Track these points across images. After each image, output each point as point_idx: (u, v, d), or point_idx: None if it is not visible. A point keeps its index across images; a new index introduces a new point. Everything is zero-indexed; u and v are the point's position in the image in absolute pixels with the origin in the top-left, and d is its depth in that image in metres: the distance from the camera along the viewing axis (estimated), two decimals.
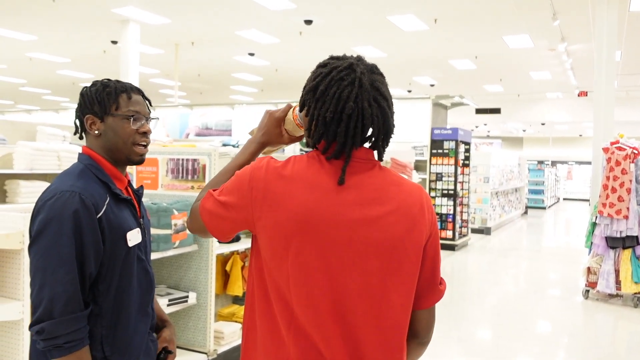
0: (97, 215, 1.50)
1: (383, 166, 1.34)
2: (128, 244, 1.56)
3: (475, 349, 5.11)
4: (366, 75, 1.26)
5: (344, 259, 1.22)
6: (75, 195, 1.47)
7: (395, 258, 1.24)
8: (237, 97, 22.74)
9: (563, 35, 11.62)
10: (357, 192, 1.25)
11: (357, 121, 1.24)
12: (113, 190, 1.58)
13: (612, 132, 7.70)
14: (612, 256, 6.61)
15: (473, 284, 7.87)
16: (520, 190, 18.04)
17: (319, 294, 1.21)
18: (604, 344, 5.47)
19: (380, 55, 14.23)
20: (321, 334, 1.22)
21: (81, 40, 13.41)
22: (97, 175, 1.57)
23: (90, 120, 1.61)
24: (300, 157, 1.29)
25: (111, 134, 1.59)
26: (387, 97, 1.30)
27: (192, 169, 3.97)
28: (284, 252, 1.22)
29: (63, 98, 24.66)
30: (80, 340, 1.43)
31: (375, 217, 1.24)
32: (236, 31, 12.15)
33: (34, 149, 5.62)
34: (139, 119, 1.62)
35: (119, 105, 1.60)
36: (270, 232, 1.23)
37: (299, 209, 1.21)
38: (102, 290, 1.52)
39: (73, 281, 1.42)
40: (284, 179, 1.24)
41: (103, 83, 1.63)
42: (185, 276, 3.97)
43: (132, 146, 1.61)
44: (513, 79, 17.58)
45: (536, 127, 26.64)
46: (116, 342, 1.53)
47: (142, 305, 1.64)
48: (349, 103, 1.23)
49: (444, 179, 10.34)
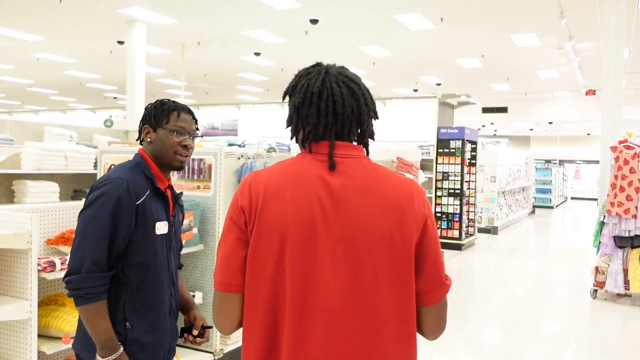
0: (137, 202, 1.83)
1: (372, 161, 1.36)
2: (156, 232, 1.89)
3: (483, 349, 5.09)
4: (333, 67, 1.35)
5: (336, 254, 1.23)
6: (123, 182, 1.82)
7: (385, 251, 1.25)
8: (243, 97, 22.77)
9: (570, 34, 11.55)
10: (345, 186, 1.27)
11: (327, 100, 1.29)
12: (155, 185, 1.92)
13: (620, 130, 7.64)
14: (620, 256, 6.56)
15: (480, 284, 7.84)
16: (527, 190, 17.95)
17: (310, 292, 1.23)
18: (612, 344, 5.43)
19: (386, 54, 14.19)
20: (310, 331, 1.23)
21: (88, 40, 13.47)
22: (144, 171, 1.92)
23: (146, 129, 1.98)
24: (284, 161, 1.35)
25: (159, 143, 1.95)
26: (358, 83, 1.35)
27: (198, 169, 3.97)
28: (274, 252, 1.25)
29: (70, 98, 24.78)
30: (97, 294, 1.75)
31: (364, 211, 1.25)
32: (242, 31, 12.16)
33: (41, 149, 5.64)
34: (182, 134, 1.95)
35: (169, 120, 1.95)
36: (261, 232, 1.26)
37: (287, 209, 1.24)
38: (130, 264, 1.84)
39: (101, 249, 1.75)
40: (270, 180, 1.29)
41: (162, 101, 1.99)
42: (192, 276, 3.97)
43: (173, 155, 1.94)
44: (520, 78, 17.49)
45: (543, 126, 26.49)
46: (134, 307, 1.85)
47: (161, 288, 1.91)
48: (316, 84, 1.30)
49: (450, 179, 10.30)
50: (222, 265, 1.30)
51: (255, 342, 1.27)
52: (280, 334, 1.25)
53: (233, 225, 1.30)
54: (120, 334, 1.81)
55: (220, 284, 1.30)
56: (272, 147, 7.94)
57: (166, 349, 1.95)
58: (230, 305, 1.30)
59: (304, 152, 1.34)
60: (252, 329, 1.28)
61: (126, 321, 1.83)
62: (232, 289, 1.29)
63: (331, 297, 1.23)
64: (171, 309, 1.98)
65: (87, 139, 7.52)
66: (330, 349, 1.23)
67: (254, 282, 1.26)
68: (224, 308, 1.31)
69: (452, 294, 7.25)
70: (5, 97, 24.95)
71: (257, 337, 1.27)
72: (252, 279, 1.26)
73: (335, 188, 1.26)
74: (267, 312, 1.25)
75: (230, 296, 1.29)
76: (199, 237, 3.88)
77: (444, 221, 10.36)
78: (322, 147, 1.31)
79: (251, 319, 1.28)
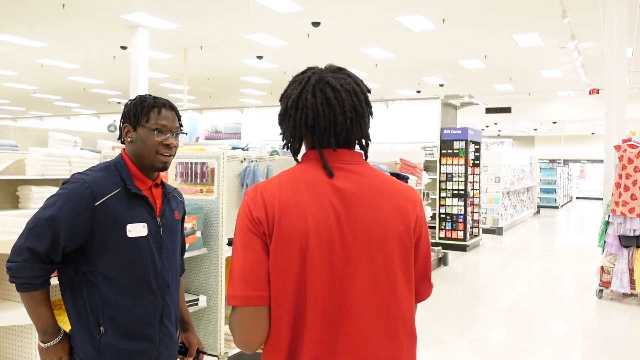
0: (96, 202, 1.75)
1: (372, 167, 1.39)
2: (128, 234, 1.79)
3: (488, 350, 5.07)
4: (318, 74, 1.34)
5: (354, 258, 1.26)
6: (83, 183, 1.76)
7: (396, 252, 1.30)
8: (246, 100, 22.82)
9: (573, 33, 11.52)
10: (354, 191, 1.30)
11: (301, 112, 1.31)
12: (127, 186, 1.82)
13: (624, 129, 7.62)
14: (625, 255, 6.53)
15: (485, 284, 7.82)
16: (532, 190, 17.89)
17: (335, 295, 1.25)
18: (618, 344, 5.40)
19: (389, 56, 14.20)
20: (337, 334, 1.25)
21: (91, 46, 13.53)
22: (120, 172, 1.84)
23: (126, 128, 1.89)
24: (288, 170, 1.36)
25: (139, 142, 1.86)
26: (338, 89, 1.32)
27: (201, 172, 3.98)
28: (296, 260, 1.25)
29: (74, 104, 24.89)
30: (37, 285, 1.73)
31: (375, 214, 1.30)
32: (244, 35, 12.19)
33: (45, 155, 5.67)
34: (164, 132, 1.86)
35: (149, 118, 1.86)
36: (281, 241, 1.26)
37: (305, 216, 1.26)
38: (100, 267, 1.77)
39: (43, 242, 1.70)
40: (283, 190, 1.29)
41: (141, 98, 1.90)
42: (195, 279, 3.98)
43: (155, 155, 1.85)
44: (523, 78, 17.46)
45: (547, 125, 26.43)
46: (111, 313, 1.78)
47: (146, 293, 1.83)
48: (292, 97, 1.34)
49: (454, 179, 10.28)
50: (248, 278, 1.24)
51: (280, 349, 1.27)
52: (303, 339, 1.25)
53: (252, 236, 1.27)
54: (94, 337, 1.76)
55: (249, 299, 1.24)
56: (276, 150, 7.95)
57: (152, 357, 1.85)
58: (261, 319, 1.26)
59: (305, 161, 1.36)
60: (276, 337, 1.27)
61: (100, 326, 1.76)
62: (262, 302, 1.25)
63: (355, 300, 1.26)
64: (163, 315, 1.88)
65: (91, 144, 7.55)
66: (355, 350, 1.26)
67: (278, 291, 1.25)
68: (255, 323, 1.26)
69: (458, 295, 7.23)
70: (9, 103, 25.08)
71: (282, 343, 1.26)
72: (276, 288, 1.25)
73: (346, 193, 1.29)
74: (291, 320, 1.26)
75: (260, 309, 1.25)
76: (203, 240, 3.89)
77: (448, 222, 10.33)
78: (314, 155, 1.35)
79: (276, 328, 1.26)
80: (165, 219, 1.93)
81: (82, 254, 1.77)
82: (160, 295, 1.87)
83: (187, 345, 2.06)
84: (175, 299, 1.97)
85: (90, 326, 1.77)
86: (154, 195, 1.92)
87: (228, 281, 1.28)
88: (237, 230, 1.30)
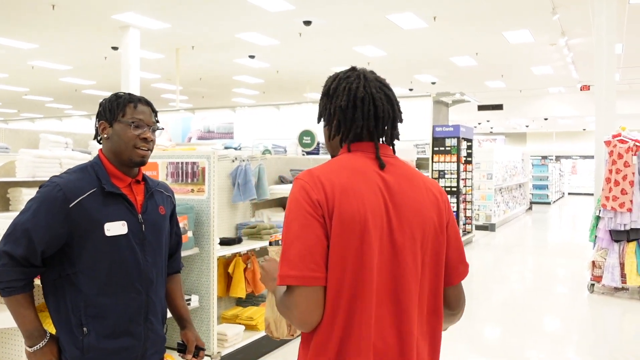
0: (71, 204, 1.75)
1: (403, 161, 1.51)
2: (106, 233, 1.78)
3: (483, 345, 5.10)
4: (367, 72, 1.48)
5: (404, 242, 1.37)
6: (56, 186, 1.76)
7: (431, 238, 1.43)
8: (239, 100, 22.78)
9: (563, 30, 11.58)
10: (396, 181, 1.41)
11: (369, 104, 1.43)
12: (102, 185, 1.81)
13: (614, 125, 7.66)
14: (616, 249, 6.58)
15: (479, 280, 7.85)
16: (524, 186, 17.98)
17: (380, 276, 1.34)
18: (611, 337, 5.45)
19: (381, 54, 14.22)
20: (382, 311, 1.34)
21: (82, 47, 13.47)
22: (96, 171, 1.84)
23: (102, 125, 1.88)
24: (333, 160, 1.43)
25: (116, 138, 1.85)
26: (391, 89, 1.50)
27: (192, 172, 3.98)
28: (355, 243, 1.31)
29: (66, 105, 24.76)
30: (19, 288, 1.74)
31: (414, 203, 1.41)
32: (236, 34, 12.18)
33: (36, 157, 5.63)
34: (141, 126, 1.85)
35: (125, 113, 1.85)
36: (342, 224, 1.31)
37: (363, 201, 1.33)
38: (81, 268, 1.77)
39: (19, 247, 1.72)
40: (338, 175, 1.35)
41: (117, 95, 1.90)
42: (187, 279, 3.98)
43: (133, 149, 1.84)
44: (514, 75, 17.53)
45: (539, 122, 26.53)
46: (93, 313, 1.78)
47: (129, 292, 1.83)
48: (360, 89, 1.43)
49: (446, 177, 10.32)
50: (306, 260, 1.29)
51: (334, 328, 1.31)
52: (357, 317, 1.31)
53: (311, 219, 1.31)
54: (76, 338, 1.76)
55: (307, 279, 1.29)
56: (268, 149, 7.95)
57: (138, 354, 1.85)
58: (318, 299, 1.30)
59: (351, 151, 1.43)
60: (331, 316, 1.31)
61: (82, 326, 1.76)
62: (319, 282, 1.30)
63: (402, 281, 1.36)
64: (148, 313, 1.88)
65: (82, 146, 7.50)
66: (404, 328, 1.36)
67: (336, 272, 1.30)
68: (313, 303, 1.30)
69: None
70: (1, 105, 24.93)
71: (337, 323, 1.31)
72: (335, 268, 1.30)
73: (390, 183, 1.39)
74: (347, 300, 1.31)
75: (317, 290, 1.30)
76: (194, 240, 3.88)
77: None
78: (364, 146, 1.44)
79: (332, 307, 1.31)
80: (148, 215, 1.91)
81: (65, 255, 1.78)
82: (145, 292, 1.87)
83: (185, 343, 2.05)
84: (161, 294, 1.96)
85: (72, 327, 1.77)
86: (134, 192, 1.90)
87: (281, 261, 1.32)
88: (294, 213, 1.33)
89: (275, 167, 5.24)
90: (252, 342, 4.26)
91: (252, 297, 4.74)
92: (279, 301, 1.37)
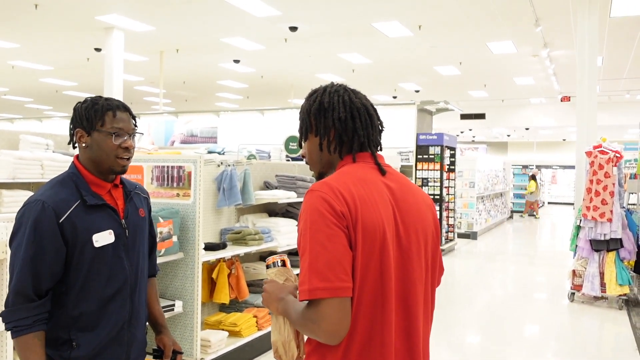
0: (60, 220, 1.70)
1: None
2: (95, 245, 1.75)
3: (465, 353, 5.12)
4: (346, 86, 1.55)
5: (405, 247, 1.41)
6: (39, 204, 1.70)
7: (430, 242, 1.49)
8: (223, 104, 22.69)
9: (545, 41, 11.77)
10: (399, 188, 1.46)
11: (365, 114, 1.49)
12: (84, 197, 1.76)
13: (595, 136, 7.79)
14: (596, 259, 6.67)
15: (460, 288, 7.90)
16: (505, 195, 18.17)
17: (397, 282, 1.38)
18: (590, 346, 5.51)
19: (366, 61, 14.29)
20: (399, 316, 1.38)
21: (64, 47, 13.30)
22: (75, 182, 1.78)
23: (79, 133, 1.80)
24: (341, 170, 1.45)
25: (96, 148, 1.78)
26: (368, 99, 1.57)
27: (178, 176, 3.94)
28: (376, 252, 1.34)
29: (46, 106, 24.41)
30: (26, 327, 1.66)
31: (416, 209, 1.46)
32: (221, 38, 12.14)
33: (16, 158, 5.52)
34: (121, 135, 1.79)
35: (104, 122, 1.78)
36: (364, 234, 1.33)
37: (380, 211, 1.36)
38: (69, 284, 1.74)
39: (25, 280, 1.66)
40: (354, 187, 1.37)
41: (93, 100, 1.81)
42: (171, 284, 3.93)
43: (114, 159, 1.79)
44: (497, 85, 17.76)
45: (520, 132, 26.89)
46: (82, 326, 1.74)
47: (115, 300, 1.80)
48: (354, 100, 1.49)
49: (429, 184, 10.38)
50: (336, 270, 1.27)
51: (359, 337, 1.33)
52: (379, 324, 1.34)
53: (337, 229, 1.30)
54: (65, 352, 1.73)
55: (338, 290, 1.27)
56: (253, 154, 7.91)
57: (122, 358, 1.84)
58: (347, 309, 1.29)
59: (355, 161, 1.47)
60: (355, 325, 1.32)
61: (72, 342, 1.73)
62: (348, 292, 1.29)
63: (412, 286, 1.41)
64: (131, 318, 1.87)
65: (63, 148, 7.39)
66: (415, 331, 1.41)
67: (360, 281, 1.32)
68: (342, 314, 1.28)
69: None
70: None
71: (359, 331, 1.33)
72: (360, 278, 1.32)
73: (394, 190, 1.44)
74: (370, 307, 1.33)
75: (346, 300, 1.29)
76: (179, 245, 3.84)
77: None
78: (365, 156, 1.48)
79: (355, 317, 1.32)
80: (130, 219, 1.88)
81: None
82: (129, 297, 1.85)
83: (162, 348, 2.02)
84: (143, 298, 1.95)
85: (61, 343, 1.74)
86: (114, 198, 1.87)
87: (306, 275, 1.28)
88: (317, 224, 1.31)
89: (261, 172, 5.21)
90: (235, 348, 4.22)
91: (236, 303, 4.70)
92: (300, 316, 1.32)
